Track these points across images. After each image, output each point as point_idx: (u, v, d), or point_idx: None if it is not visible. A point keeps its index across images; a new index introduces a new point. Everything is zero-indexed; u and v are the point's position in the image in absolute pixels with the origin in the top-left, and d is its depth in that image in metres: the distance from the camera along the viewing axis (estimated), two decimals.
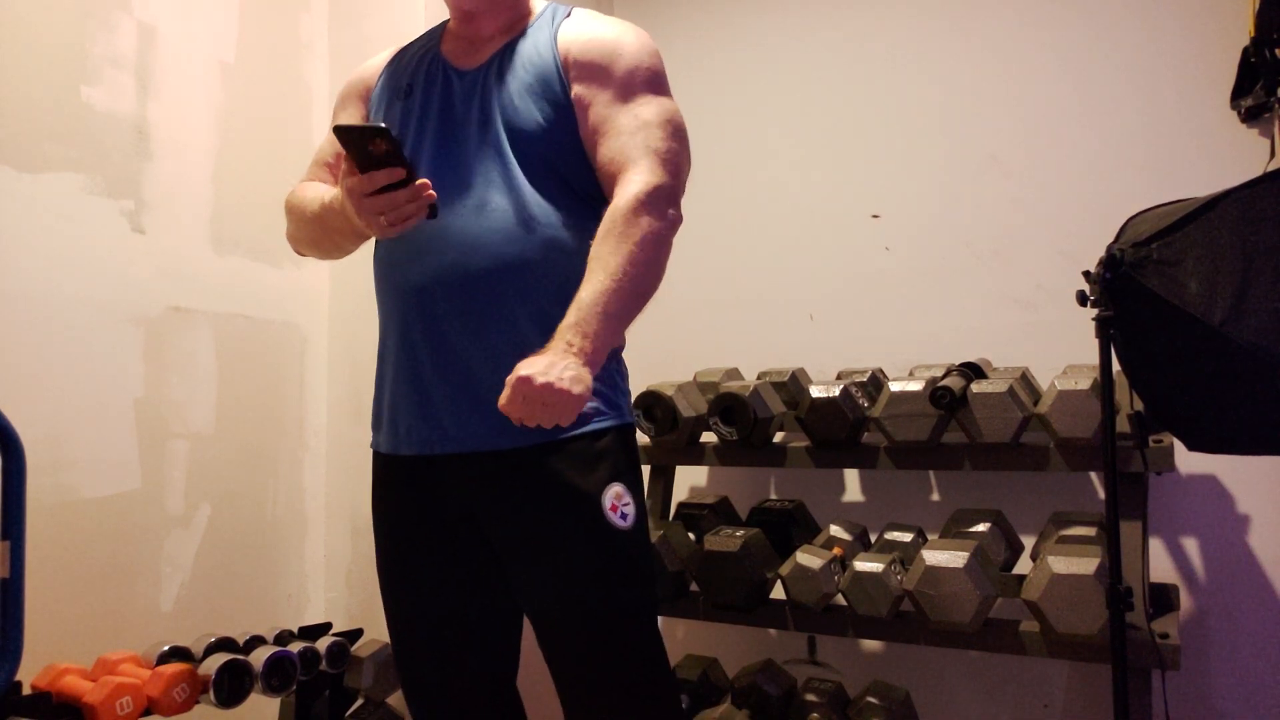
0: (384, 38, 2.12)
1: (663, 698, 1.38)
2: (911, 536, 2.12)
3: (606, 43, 1.40)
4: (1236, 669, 2.05)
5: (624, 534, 1.33)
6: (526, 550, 1.36)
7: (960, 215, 2.41)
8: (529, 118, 1.38)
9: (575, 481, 1.33)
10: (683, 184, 1.41)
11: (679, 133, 1.40)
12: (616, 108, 1.37)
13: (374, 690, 1.84)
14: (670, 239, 1.35)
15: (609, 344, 1.26)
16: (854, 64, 2.59)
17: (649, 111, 1.38)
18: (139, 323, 1.79)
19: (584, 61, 1.40)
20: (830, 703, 2.11)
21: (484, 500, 1.37)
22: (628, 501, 1.34)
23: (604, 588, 1.33)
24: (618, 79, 1.38)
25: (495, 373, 1.29)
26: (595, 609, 1.33)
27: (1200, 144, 2.15)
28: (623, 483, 1.35)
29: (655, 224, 1.31)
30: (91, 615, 1.67)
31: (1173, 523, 2.12)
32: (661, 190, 1.33)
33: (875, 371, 2.28)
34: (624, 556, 1.34)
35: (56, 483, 1.63)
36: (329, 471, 2.14)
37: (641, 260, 1.28)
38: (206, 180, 1.94)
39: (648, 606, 1.38)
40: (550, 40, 1.42)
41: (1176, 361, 1.49)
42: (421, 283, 1.37)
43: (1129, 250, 1.50)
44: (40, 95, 1.65)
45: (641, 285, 1.29)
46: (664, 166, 1.35)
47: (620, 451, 1.38)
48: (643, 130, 1.36)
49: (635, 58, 1.40)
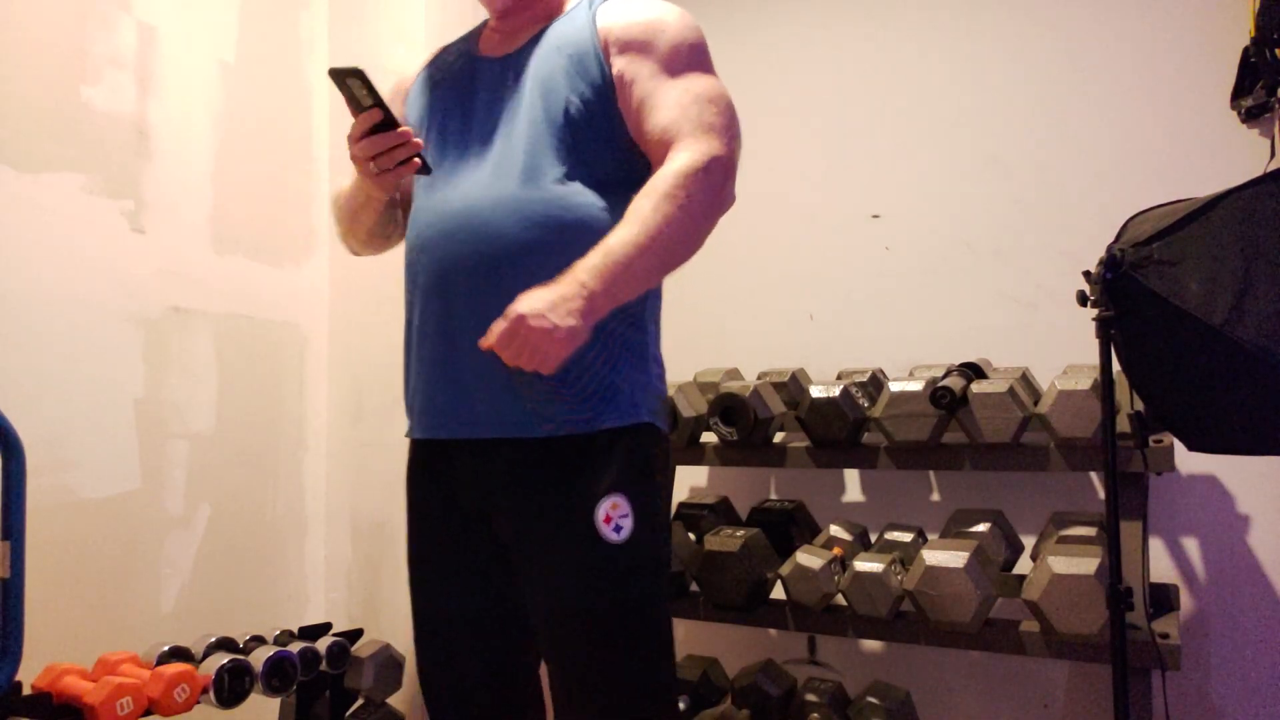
0: (384, 37, 2.12)
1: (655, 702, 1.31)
2: (911, 536, 2.12)
3: (649, 20, 1.35)
4: (1236, 669, 2.05)
5: (616, 548, 1.26)
6: (523, 549, 1.34)
7: (960, 215, 2.41)
8: (562, 101, 1.32)
9: (571, 488, 1.28)
10: (737, 163, 1.33)
11: (731, 111, 1.33)
12: (663, 81, 1.31)
13: (374, 691, 1.84)
14: (716, 215, 1.28)
15: (621, 297, 1.21)
16: (854, 64, 2.59)
17: (700, 86, 1.32)
18: (139, 323, 1.79)
19: (625, 39, 1.34)
20: (830, 703, 2.11)
21: (491, 491, 1.35)
22: (625, 513, 1.27)
23: (591, 600, 1.27)
24: (663, 53, 1.33)
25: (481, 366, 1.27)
26: (582, 618, 1.28)
27: (1200, 144, 2.15)
28: (625, 493, 1.27)
29: (707, 194, 1.25)
30: (91, 615, 1.67)
31: (1173, 523, 2.12)
32: (720, 162, 1.27)
33: (875, 371, 2.28)
34: (615, 570, 1.27)
35: (57, 483, 1.63)
36: (329, 472, 2.14)
37: (680, 224, 1.22)
38: (206, 180, 1.93)
39: (642, 621, 1.30)
40: (589, 22, 1.37)
41: (1176, 361, 1.49)
42: (438, 268, 1.34)
43: (1129, 250, 1.50)
44: (40, 95, 1.65)
45: (673, 250, 1.23)
46: (723, 141, 1.28)
47: (630, 456, 1.29)
48: (696, 104, 1.29)
49: (680, 33, 1.35)
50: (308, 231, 2.15)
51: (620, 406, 1.29)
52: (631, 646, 1.30)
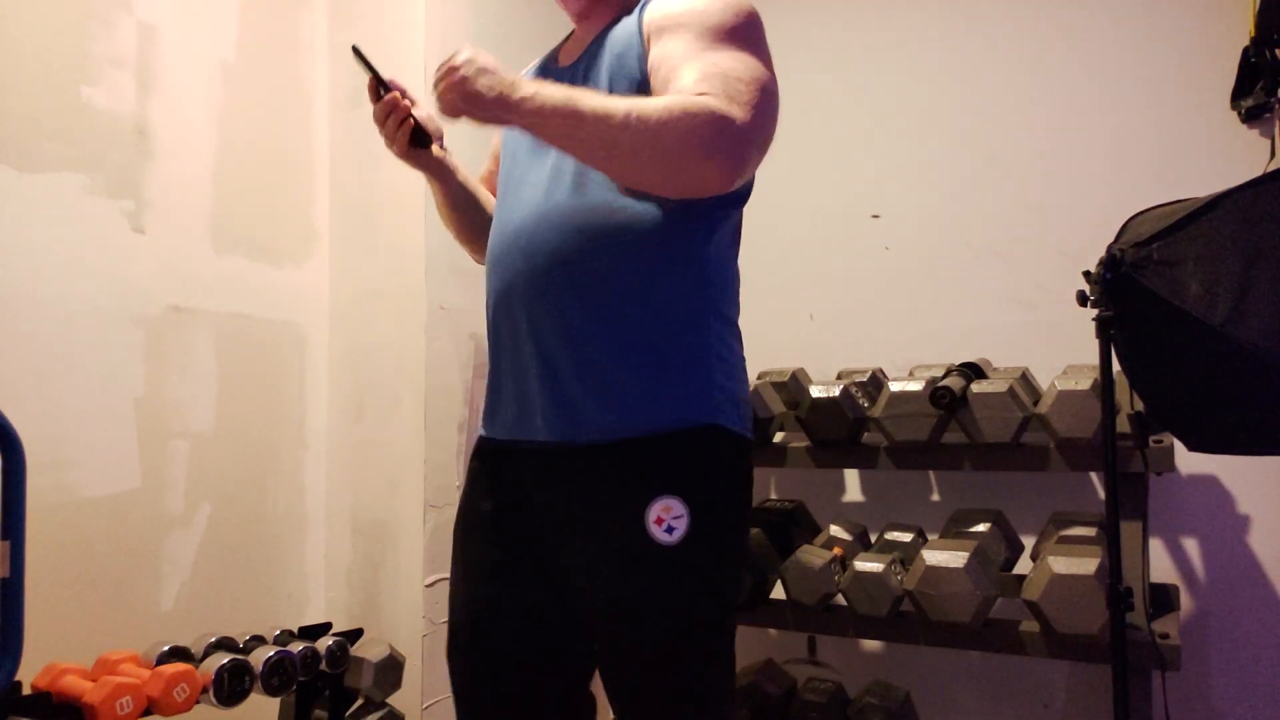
0: (384, 38, 2.12)
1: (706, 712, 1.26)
2: (911, 536, 2.12)
3: (687, 5, 1.28)
4: (1236, 669, 2.05)
5: (669, 550, 1.21)
6: (575, 553, 1.31)
7: (960, 215, 2.42)
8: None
9: (624, 491, 1.24)
10: (755, 152, 1.20)
11: (766, 95, 1.20)
12: (691, 57, 1.21)
13: (374, 691, 1.84)
14: (680, 164, 1.14)
15: (548, 130, 1.16)
16: (855, 65, 2.59)
17: (729, 62, 1.20)
18: (139, 322, 1.79)
19: (661, 23, 1.28)
20: (830, 703, 2.11)
21: (547, 494, 1.33)
22: (679, 515, 1.22)
23: (637, 600, 1.24)
24: (694, 30, 1.24)
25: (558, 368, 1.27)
26: (627, 619, 1.25)
27: (1200, 144, 2.15)
28: (679, 495, 1.22)
29: (681, 136, 1.12)
30: (91, 615, 1.67)
31: (1173, 523, 2.12)
32: (723, 122, 1.13)
33: (875, 371, 2.28)
34: (663, 572, 1.22)
35: (57, 482, 1.63)
36: (329, 471, 2.14)
37: (633, 138, 1.12)
38: (207, 180, 1.93)
39: (688, 626, 1.25)
40: (636, 20, 1.33)
41: (1176, 361, 1.49)
42: (500, 285, 1.36)
43: (1129, 250, 1.50)
44: (40, 95, 1.65)
45: (608, 150, 1.14)
46: (743, 110, 1.15)
47: (688, 459, 1.25)
48: (721, 78, 1.17)
49: (718, 12, 1.25)
50: (308, 231, 2.15)
51: (673, 409, 1.25)
52: (678, 652, 1.25)
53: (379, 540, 2.07)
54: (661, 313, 1.24)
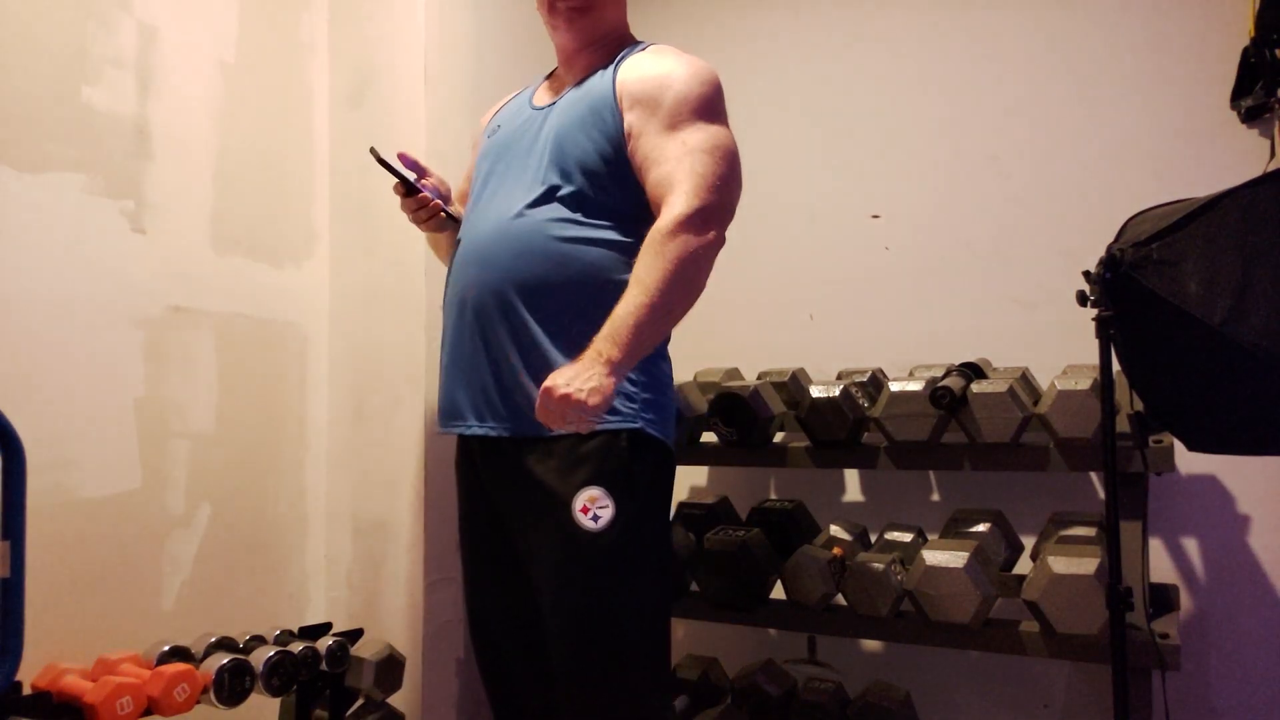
0: (384, 38, 2.13)
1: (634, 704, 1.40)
2: (911, 536, 2.12)
3: (659, 75, 1.48)
4: (1236, 669, 2.05)
5: (595, 535, 1.38)
6: (522, 544, 1.51)
7: (960, 215, 2.41)
8: (578, 149, 1.48)
9: (553, 481, 1.42)
10: (728, 206, 1.45)
11: (727, 157, 1.45)
12: (665, 136, 1.44)
13: (374, 690, 1.84)
14: (708, 257, 1.41)
15: (639, 354, 1.36)
16: (855, 65, 2.59)
17: (696, 138, 1.43)
18: (139, 322, 1.79)
19: (636, 94, 1.48)
20: (830, 703, 2.11)
21: (497, 486, 1.54)
22: (604, 504, 1.38)
23: (572, 589, 1.40)
24: (667, 108, 1.45)
25: (505, 370, 1.48)
26: (568, 609, 1.41)
27: (1200, 144, 2.15)
28: (603, 485, 1.39)
29: (692, 243, 1.37)
30: (92, 615, 1.67)
31: (1173, 523, 2.12)
32: (702, 212, 1.39)
33: (875, 371, 2.28)
34: (588, 557, 1.38)
35: (57, 482, 1.63)
36: (330, 471, 2.14)
37: (675, 277, 1.36)
38: (207, 180, 1.93)
39: (615, 614, 1.40)
40: (611, 79, 1.51)
41: (1176, 361, 1.50)
42: (458, 292, 1.56)
43: (1129, 250, 1.50)
44: (40, 95, 1.65)
45: (674, 301, 1.37)
46: (707, 189, 1.40)
47: (613, 455, 1.41)
48: (689, 156, 1.42)
49: (685, 87, 1.46)
50: (308, 231, 2.15)
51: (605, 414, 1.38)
52: (621, 631, 1.40)
53: (379, 540, 2.07)
54: (597, 326, 1.38)
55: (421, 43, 2.07)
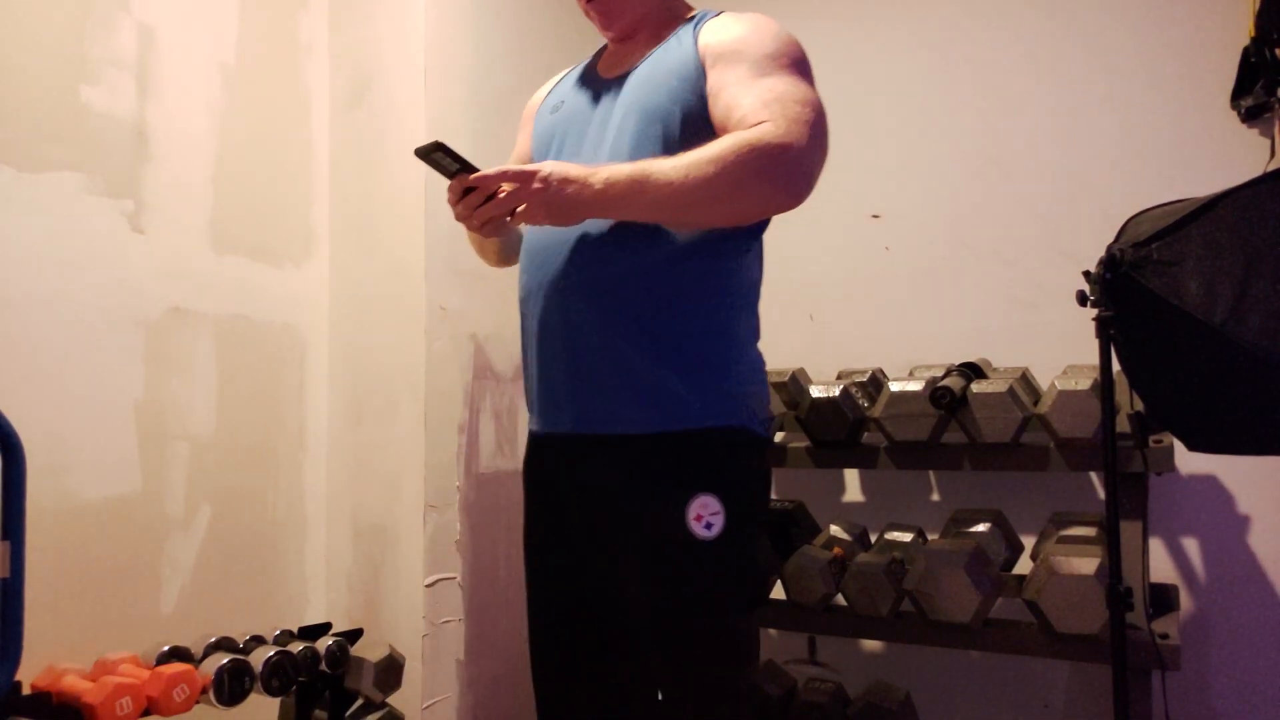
0: (384, 39, 2.12)
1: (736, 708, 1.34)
2: (911, 536, 2.12)
3: (741, 33, 1.38)
4: (1236, 669, 2.05)
5: (706, 545, 1.29)
6: (602, 540, 1.40)
7: (960, 215, 2.41)
8: (662, 120, 1.37)
9: (660, 484, 1.32)
10: (816, 168, 1.30)
11: (819, 116, 1.30)
12: (746, 84, 1.31)
13: (374, 691, 1.84)
14: (758, 194, 1.26)
15: (625, 212, 1.26)
16: (854, 65, 2.59)
17: (784, 86, 1.30)
18: (139, 324, 1.79)
19: (719, 50, 1.37)
20: (830, 703, 2.11)
21: (568, 484, 1.44)
22: (716, 510, 1.30)
23: (678, 598, 1.32)
24: (750, 61, 1.33)
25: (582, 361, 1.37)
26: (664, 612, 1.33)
27: (1200, 144, 2.15)
28: (715, 493, 1.30)
29: (756, 170, 1.22)
30: (91, 616, 1.67)
31: (1173, 523, 2.12)
32: (786, 148, 1.23)
33: (875, 371, 2.28)
34: (702, 567, 1.30)
35: (57, 484, 1.63)
36: (329, 473, 2.14)
37: (712, 185, 1.20)
38: (206, 181, 1.93)
39: (720, 620, 1.33)
40: (692, 40, 1.42)
41: (1176, 361, 1.49)
42: (532, 283, 1.45)
43: (1129, 250, 1.50)
44: (40, 95, 1.65)
45: (693, 205, 1.23)
46: (802, 132, 1.25)
47: (720, 457, 1.33)
48: (779, 101, 1.27)
49: (771, 42, 1.35)
50: (308, 232, 2.15)
51: (703, 408, 1.33)
52: (708, 646, 1.33)
53: (379, 542, 2.07)
54: (692, 318, 1.34)
55: (421, 43, 2.07)
